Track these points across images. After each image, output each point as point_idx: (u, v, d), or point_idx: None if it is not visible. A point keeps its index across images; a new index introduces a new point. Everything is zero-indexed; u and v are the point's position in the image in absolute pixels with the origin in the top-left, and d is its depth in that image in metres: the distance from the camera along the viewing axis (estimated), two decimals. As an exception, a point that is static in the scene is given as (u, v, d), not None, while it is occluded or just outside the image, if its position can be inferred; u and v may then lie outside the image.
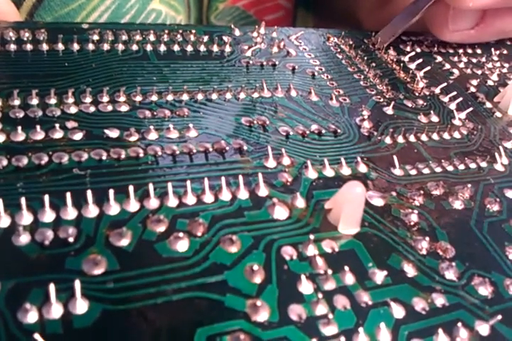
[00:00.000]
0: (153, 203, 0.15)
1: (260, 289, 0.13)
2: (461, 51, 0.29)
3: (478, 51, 0.29)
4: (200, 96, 0.20)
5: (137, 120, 0.18)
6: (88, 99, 0.18)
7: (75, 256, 0.13)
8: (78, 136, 0.17)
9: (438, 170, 0.19)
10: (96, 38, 0.21)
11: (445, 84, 0.25)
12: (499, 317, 0.14)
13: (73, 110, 0.17)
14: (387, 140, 0.20)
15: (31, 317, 0.12)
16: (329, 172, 0.18)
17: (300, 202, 0.16)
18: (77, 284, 0.12)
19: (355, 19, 0.35)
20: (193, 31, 0.23)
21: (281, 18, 0.39)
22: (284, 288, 0.14)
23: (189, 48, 0.22)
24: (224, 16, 0.36)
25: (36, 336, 0.11)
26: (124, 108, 0.18)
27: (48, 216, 0.14)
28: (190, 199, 0.15)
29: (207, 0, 0.35)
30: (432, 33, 0.28)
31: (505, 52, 0.30)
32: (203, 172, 0.16)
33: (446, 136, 0.21)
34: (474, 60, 0.28)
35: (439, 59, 0.27)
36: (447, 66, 0.27)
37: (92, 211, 0.14)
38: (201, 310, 0.13)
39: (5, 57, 0.19)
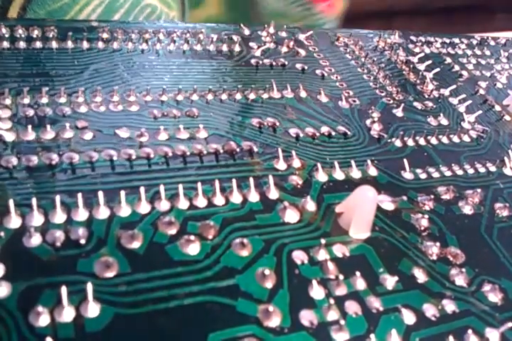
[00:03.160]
0: (164, 205, 0.15)
1: (272, 294, 0.13)
2: (470, 53, 0.29)
3: (487, 53, 0.29)
4: (210, 97, 0.19)
5: (148, 120, 0.18)
6: (98, 99, 0.18)
7: (86, 258, 0.13)
8: (89, 135, 0.16)
9: (448, 174, 0.19)
10: (105, 36, 0.21)
11: (454, 86, 0.25)
12: (509, 324, 0.14)
13: (83, 109, 0.17)
14: (397, 143, 0.20)
15: (43, 320, 0.11)
16: (339, 175, 0.18)
17: (311, 206, 0.16)
18: (90, 287, 0.12)
19: None
20: (203, 30, 0.23)
21: None
22: (296, 293, 0.14)
23: (199, 47, 0.22)
24: None
25: (48, 340, 0.11)
26: (135, 108, 0.18)
27: (59, 217, 0.14)
28: (201, 202, 0.15)
29: None
30: None
31: (514, 53, 0.30)
32: (213, 174, 0.16)
33: (455, 139, 0.21)
34: (483, 62, 0.28)
35: (449, 60, 0.27)
36: (456, 67, 0.27)
37: (103, 212, 0.14)
38: (213, 314, 0.13)
39: (15, 54, 0.19)
